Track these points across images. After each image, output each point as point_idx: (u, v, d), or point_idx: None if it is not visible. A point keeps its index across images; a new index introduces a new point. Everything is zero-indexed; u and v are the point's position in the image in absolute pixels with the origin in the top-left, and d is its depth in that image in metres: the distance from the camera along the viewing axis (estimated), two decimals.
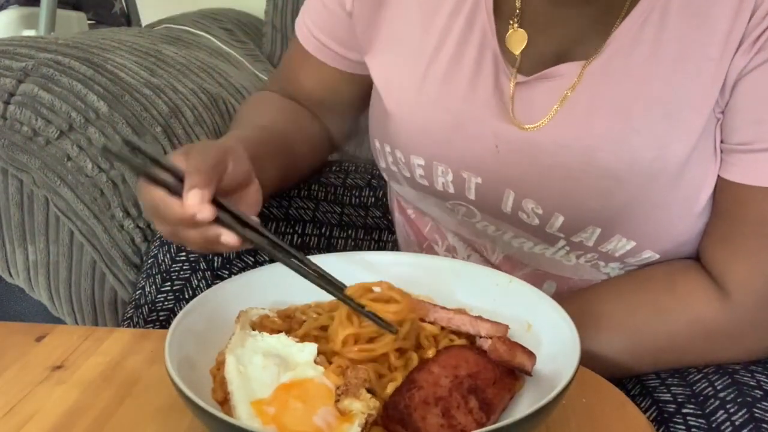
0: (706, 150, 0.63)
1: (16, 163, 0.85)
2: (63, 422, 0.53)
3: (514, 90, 0.68)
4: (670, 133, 0.63)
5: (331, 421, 0.46)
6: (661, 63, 0.62)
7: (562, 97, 0.65)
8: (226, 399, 0.50)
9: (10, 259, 0.90)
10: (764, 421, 0.55)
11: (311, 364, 0.52)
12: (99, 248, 0.89)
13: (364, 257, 0.66)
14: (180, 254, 0.78)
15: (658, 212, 0.66)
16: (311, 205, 0.88)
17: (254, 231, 0.57)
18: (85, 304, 0.92)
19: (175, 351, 0.50)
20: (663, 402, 0.61)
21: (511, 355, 0.51)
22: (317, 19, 0.81)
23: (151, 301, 0.76)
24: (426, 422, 0.47)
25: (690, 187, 0.65)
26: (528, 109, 0.67)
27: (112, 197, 0.88)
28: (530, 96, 0.67)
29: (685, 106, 0.62)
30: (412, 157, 0.75)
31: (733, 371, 0.61)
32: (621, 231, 0.67)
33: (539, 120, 0.67)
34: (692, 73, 0.61)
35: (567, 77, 0.65)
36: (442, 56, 0.71)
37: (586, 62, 0.65)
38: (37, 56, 0.92)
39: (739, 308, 0.63)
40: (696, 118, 0.62)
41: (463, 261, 0.64)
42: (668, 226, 0.67)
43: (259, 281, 0.62)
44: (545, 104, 0.66)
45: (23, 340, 0.64)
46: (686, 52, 0.61)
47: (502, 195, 0.70)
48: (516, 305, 0.59)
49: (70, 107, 0.88)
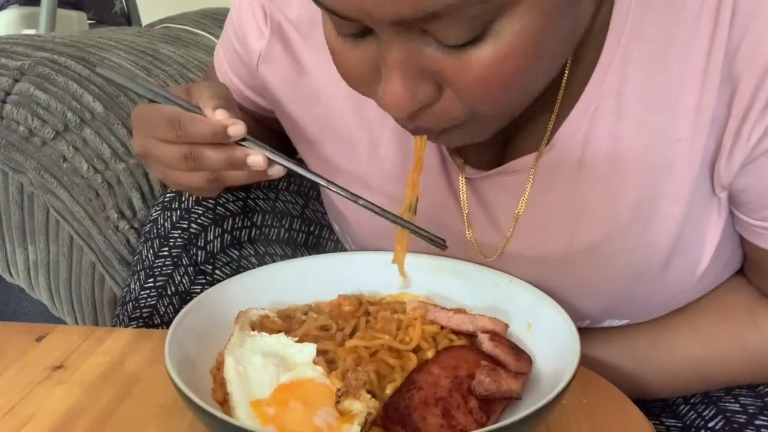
0: (696, 227, 0.58)
1: (12, 163, 0.85)
2: (63, 422, 0.53)
3: (466, 188, 0.62)
4: (647, 231, 0.57)
5: (331, 422, 0.46)
6: (623, 156, 0.55)
7: (519, 201, 0.59)
8: (226, 399, 0.50)
9: (10, 259, 0.90)
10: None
11: (310, 364, 0.52)
12: (95, 249, 0.89)
13: (364, 257, 0.66)
14: (162, 249, 0.75)
15: (650, 298, 0.62)
16: (300, 201, 0.85)
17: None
18: (85, 304, 0.92)
19: (175, 351, 0.50)
20: (730, 412, 0.60)
21: (497, 385, 0.50)
22: (230, 59, 0.74)
23: (134, 298, 0.74)
24: (426, 422, 0.47)
25: (682, 270, 0.60)
26: (487, 213, 0.62)
27: (107, 198, 0.88)
28: (486, 195, 0.61)
29: (661, 198, 0.55)
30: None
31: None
32: (611, 318, 0.65)
33: (499, 226, 0.61)
34: (663, 161, 0.54)
35: (520, 173, 0.58)
36: (383, 152, 0.64)
37: (537, 154, 0.57)
38: (34, 55, 0.92)
39: None
40: (675, 205, 0.56)
41: (463, 261, 0.64)
42: (662, 305, 0.64)
43: (259, 281, 0.62)
44: (503, 206, 0.60)
45: (23, 340, 0.64)
46: (652, 140, 0.54)
47: None
48: (516, 305, 0.59)
49: (65, 107, 0.88)
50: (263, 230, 0.79)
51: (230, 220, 0.76)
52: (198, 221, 0.75)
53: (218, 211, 0.76)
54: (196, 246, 0.75)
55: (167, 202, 0.77)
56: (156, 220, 0.77)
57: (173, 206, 0.76)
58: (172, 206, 0.76)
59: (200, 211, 0.76)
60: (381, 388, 0.50)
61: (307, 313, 0.60)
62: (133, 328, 0.72)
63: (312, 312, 0.61)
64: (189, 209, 0.76)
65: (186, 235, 0.75)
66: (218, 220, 0.76)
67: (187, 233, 0.75)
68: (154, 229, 0.76)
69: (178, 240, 0.75)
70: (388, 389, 0.50)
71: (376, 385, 0.50)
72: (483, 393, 0.49)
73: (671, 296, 0.62)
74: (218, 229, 0.75)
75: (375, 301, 0.62)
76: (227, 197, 0.77)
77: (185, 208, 0.76)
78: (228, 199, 0.77)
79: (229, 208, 0.77)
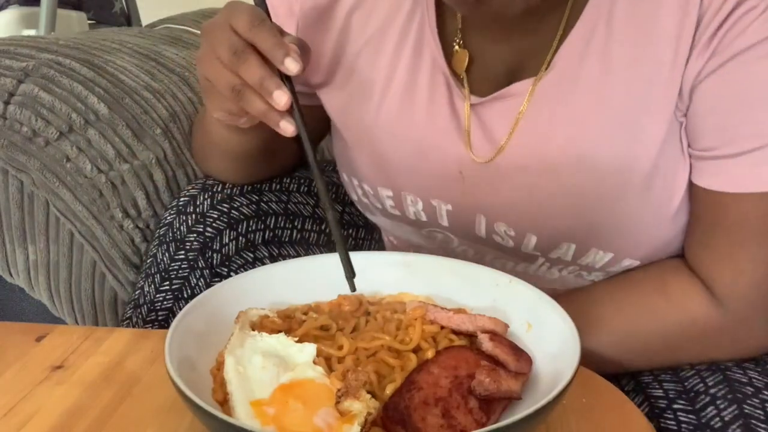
0: (672, 155, 0.63)
1: (15, 163, 0.85)
2: (63, 422, 0.53)
3: (470, 113, 0.67)
4: (632, 144, 0.62)
5: (332, 422, 0.46)
6: (612, 72, 0.61)
7: (517, 118, 0.64)
8: (227, 399, 0.50)
9: (10, 259, 0.90)
10: (753, 417, 0.56)
11: (310, 364, 0.52)
12: (98, 249, 0.89)
13: (364, 257, 0.66)
14: (179, 253, 0.78)
15: (630, 223, 0.65)
16: (311, 201, 0.87)
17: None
18: (85, 304, 0.92)
19: (175, 351, 0.50)
20: (655, 398, 0.62)
21: (497, 385, 0.50)
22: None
23: (150, 301, 0.76)
24: (426, 423, 0.47)
25: (661, 195, 0.64)
26: (486, 133, 0.67)
27: (111, 198, 0.88)
28: (487, 118, 0.66)
29: (643, 114, 0.61)
30: (379, 189, 0.74)
31: (725, 368, 0.62)
32: (596, 245, 0.67)
33: (498, 143, 0.66)
34: (645, 79, 0.60)
35: (519, 96, 0.64)
36: (395, 86, 0.70)
37: (536, 78, 0.64)
38: (38, 56, 0.92)
39: (730, 311, 0.63)
40: (656, 124, 0.61)
41: (463, 261, 0.64)
42: (643, 235, 0.66)
43: (259, 281, 0.62)
44: (502, 126, 0.65)
45: (23, 340, 0.64)
46: (637, 59, 0.60)
47: (473, 220, 0.70)
48: (516, 305, 0.59)
49: (70, 108, 0.88)
50: (276, 232, 0.82)
51: (244, 223, 0.79)
52: (213, 225, 0.78)
53: (233, 215, 0.79)
54: (212, 249, 0.77)
55: (182, 206, 0.80)
56: (171, 224, 0.79)
57: (188, 210, 0.79)
58: (187, 210, 0.79)
59: (215, 215, 0.78)
60: (381, 389, 0.50)
61: (307, 313, 0.60)
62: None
63: (312, 312, 0.60)
64: (204, 213, 0.79)
65: (201, 238, 0.77)
66: (233, 223, 0.79)
67: (203, 237, 0.77)
68: (170, 233, 0.79)
69: (194, 243, 0.77)
70: (388, 389, 0.50)
71: (376, 386, 0.50)
72: (483, 393, 0.49)
73: (652, 225, 0.65)
74: (233, 232, 0.78)
75: (375, 301, 0.62)
76: (241, 201, 0.80)
77: (200, 212, 0.79)
78: (242, 203, 0.80)
79: (243, 211, 0.80)
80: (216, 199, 0.80)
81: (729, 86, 0.58)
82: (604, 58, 0.61)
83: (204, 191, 0.81)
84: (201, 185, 0.82)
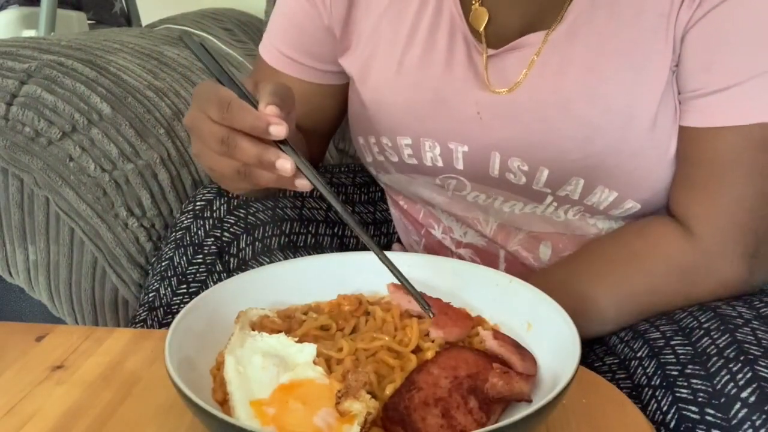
0: (670, 103, 0.68)
1: (17, 163, 0.85)
2: (63, 422, 0.53)
3: (487, 62, 0.73)
4: (638, 83, 0.68)
5: (332, 422, 0.46)
6: (620, 23, 0.67)
7: (531, 61, 0.71)
8: (226, 399, 0.50)
9: (10, 259, 0.90)
10: (746, 342, 0.58)
11: (310, 364, 0.52)
12: (102, 248, 0.89)
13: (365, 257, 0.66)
14: (196, 257, 0.79)
15: (635, 160, 0.70)
16: (324, 206, 0.89)
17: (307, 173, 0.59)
18: (85, 304, 0.92)
19: (175, 351, 0.50)
20: (653, 339, 0.64)
21: (510, 388, 0.50)
22: (285, 38, 0.84)
23: (166, 304, 0.77)
24: (426, 423, 0.47)
25: (661, 136, 0.69)
26: (502, 76, 0.72)
27: (115, 197, 0.88)
28: (502, 65, 0.72)
29: (648, 61, 0.67)
30: (398, 139, 0.77)
31: (715, 306, 0.65)
32: (603, 182, 0.71)
33: (514, 82, 0.72)
34: (649, 29, 0.67)
35: (533, 46, 0.71)
36: (417, 42, 0.75)
37: (549, 30, 0.70)
38: (40, 57, 0.92)
39: (705, 243, 0.67)
40: (659, 70, 0.67)
41: (463, 261, 0.64)
42: (646, 174, 0.71)
43: (259, 281, 0.62)
44: (517, 70, 0.71)
45: (23, 340, 0.64)
46: (641, 11, 0.67)
47: (488, 159, 0.74)
48: (516, 305, 0.59)
49: (73, 109, 0.88)
50: (291, 237, 0.84)
51: (261, 228, 0.81)
52: (230, 230, 0.80)
53: (249, 220, 0.81)
54: (229, 254, 0.79)
55: (198, 211, 0.81)
56: (188, 227, 0.80)
57: (205, 215, 0.81)
58: (204, 215, 0.81)
59: (232, 221, 0.80)
60: (381, 389, 0.50)
61: (307, 313, 0.60)
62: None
63: (312, 312, 0.61)
64: (221, 218, 0.81)
65: (219, 243, 0.79)
66: (249, 228, 0.81)
67: (220, 241, 0.79)
68: (187, 237, 0.80)
69: (212, 248, 0.79)
70: (387, 390, 0.50)
71: (375, 386, 0.50)
72: (496, 395, 0.49)
73: (654, 165, 0.70)
74: (249, 237, 0.80)
75: (375, 301, 0.62)
76: (257, 207, 0.82)
77: (217, 217, 0.81)
78: (258, 209, 0.82)
79: (259, 217, 0.82)
80: (232, 204, 0.81)
81: (711, 31, 0.64)
82: (612, 9, 0.68)
83: (220, 196, 0.82)
84: (216, 190, 0.83)
